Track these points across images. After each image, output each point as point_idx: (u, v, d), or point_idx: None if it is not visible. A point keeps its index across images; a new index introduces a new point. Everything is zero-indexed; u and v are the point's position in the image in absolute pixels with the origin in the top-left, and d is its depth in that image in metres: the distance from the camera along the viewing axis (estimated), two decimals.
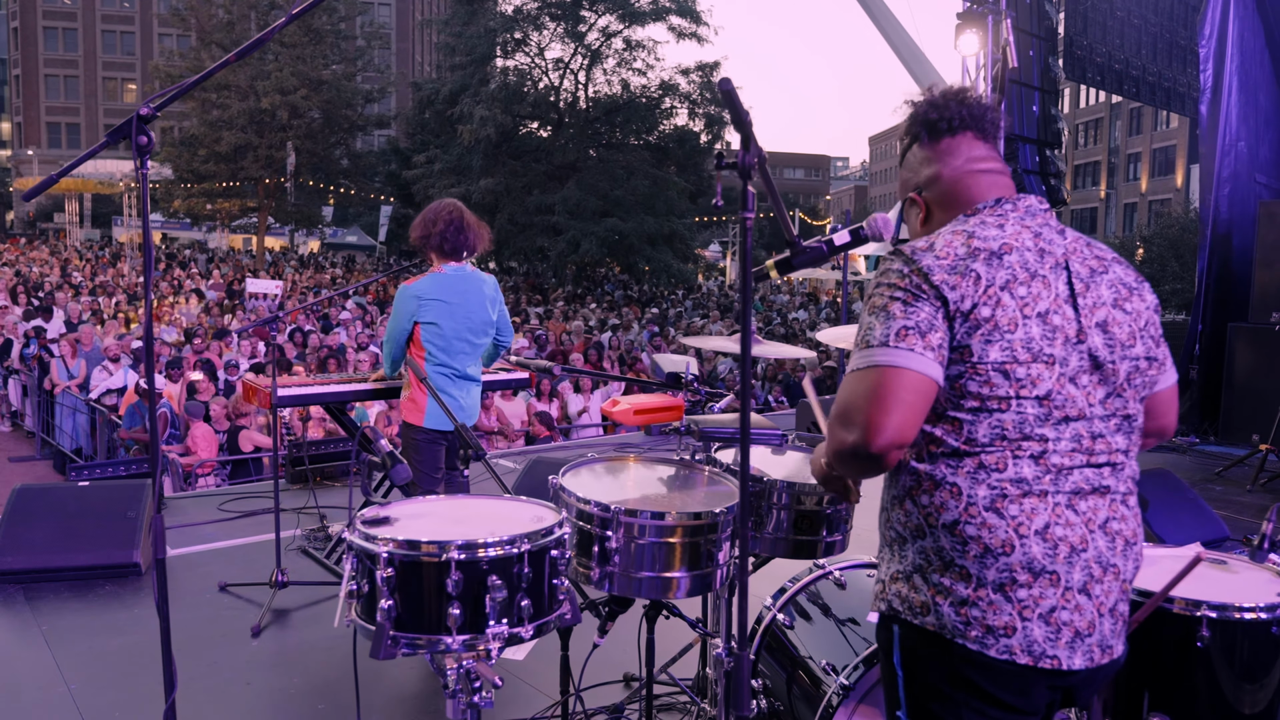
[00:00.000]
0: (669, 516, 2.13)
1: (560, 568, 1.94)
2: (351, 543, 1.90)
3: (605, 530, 2.12)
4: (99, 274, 24.58)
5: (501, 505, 2.19)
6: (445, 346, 4.09)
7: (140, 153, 2.16)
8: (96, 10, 64.46)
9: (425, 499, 2.17)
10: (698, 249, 36.86)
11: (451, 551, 1.81)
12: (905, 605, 1.77)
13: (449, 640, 1.81)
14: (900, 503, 1.78)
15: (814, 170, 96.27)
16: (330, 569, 4.97)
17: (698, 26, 28.19)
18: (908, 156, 1.97)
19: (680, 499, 2.32)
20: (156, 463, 2.28)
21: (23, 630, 4.22)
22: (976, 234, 1.75)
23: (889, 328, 1.67)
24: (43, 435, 12.86)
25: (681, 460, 2.65)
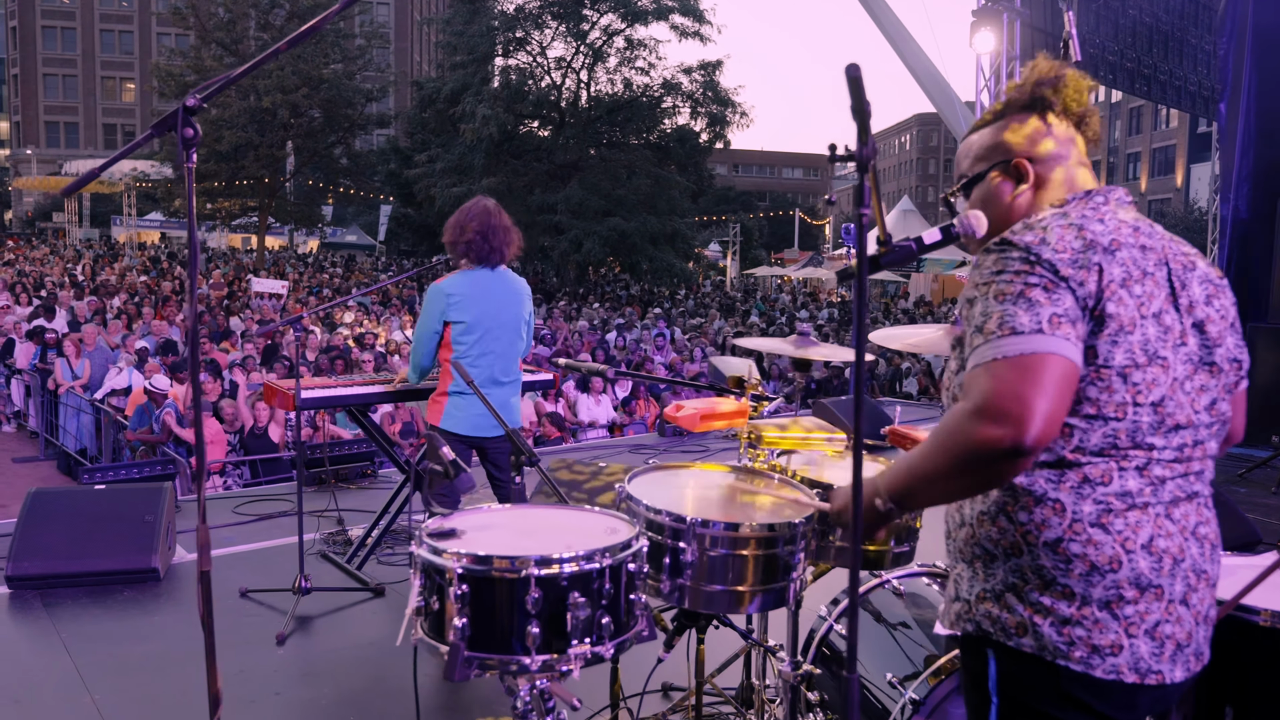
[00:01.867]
0: (744, 528, 2.03)
1: (638, 582, 1.84)
2: (419, 557, 1.80)
3: (677, 541, 2.02)
4: (99, 273, 24.43)
5: (569, 516, 2.09)
6: (477, 347, 3.99)
7: (186, 145, 2.07)
8: (95, 9, 64.29)
9: (488, 509, 2.07)
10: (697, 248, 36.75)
11: (530, 567, 1.71)
12: (997, 626, 1.67)
13: (527, 660, 1.72)
14: (992, 519, 1.68)
15: (813, 170, 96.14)
16: (352, 574, 4.88)
17: (700, 25, 28.09)
18: (1015, 123, 1.81)
19: (753, 509, 2.22)
20: (202, 471, 2.18)
21: (42, 638, 4.12)
22: (1086, 226, 1.64)
23: (1038, 314, 1.52)
24: (46, 436, 12.73)
25: (745, 467, 2.55)
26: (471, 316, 3.97)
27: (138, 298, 18.86)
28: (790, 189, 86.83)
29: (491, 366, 4.03)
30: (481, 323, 3.98)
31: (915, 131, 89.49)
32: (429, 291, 4.03)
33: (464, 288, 3.98)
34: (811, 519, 2.12)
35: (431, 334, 4.02)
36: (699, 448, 8.34)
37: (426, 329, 4.02)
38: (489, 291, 4.03)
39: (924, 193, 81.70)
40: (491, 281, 4.05)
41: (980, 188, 1.84)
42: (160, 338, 13.83)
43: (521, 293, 4.17)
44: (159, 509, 4.90)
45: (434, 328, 4.00)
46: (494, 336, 4.03)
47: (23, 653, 4.00)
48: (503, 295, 4.07)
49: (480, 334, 3.99)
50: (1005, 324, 1.52)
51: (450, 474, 2.16)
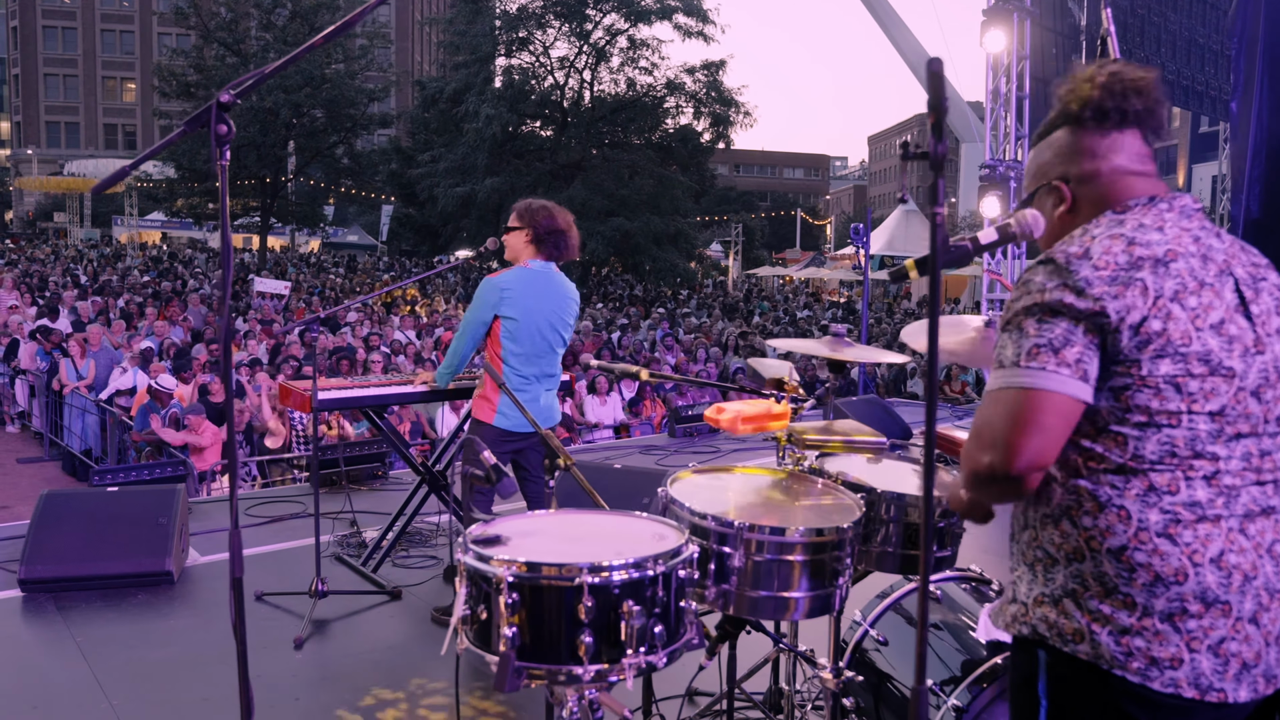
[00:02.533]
0: (790, 532, 1.98)
1: (688, 590, 1.80)
2: (465, 564, 1.76)
3: (723, 546, 1.98)
4: (102, 273, 24.39)
5: (613, 521, 2.04)
6: (524, 344, 3.97)
7: (219, 142, 2.02)
8: (96, 10, 64.23)
9: (532, 515, 2.02)
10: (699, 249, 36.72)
11: (583, 575, 1.67)
12: (1053, 631, 1.65)
13: (579, 670, 1.67)
14: (1055, 522, 1.66)
15: (813, 170, 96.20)
16: (368, 577, 4.83)
17: (704, 25, 28.03)
18: (1056, 137, 1.79)
19: (800, 513, 2.18)
20: (235, 474, 2.13)
21: (57, 642, 4.07)
22: (1138, 239, 1.62)
23: (1020, 346, 1.58)
24: (51, 437, 12.69)
25: (787, 470, 2.50)
26: (523, 312, 3.95)
27: (141, 298, 18.82)
28: (791, 189, 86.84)
29: (540, 364, 4.03)
30: (532, 320, 3.97)
31: (915, 131, 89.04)
32: (483, 284, 4.01)
33: (519, 283, 3.98)
34: (859, 523, 2.08)
35: (480, 325, 4.00)
36: (710, 448, 8.30)
37: (475, 320, 4.00)
38: (542, 289, 4.03)
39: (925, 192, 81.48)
40: (545, 279, 4.06)
41: (1035, 205, 1.83)
42: (163, 338, 13.78)
43: (571, 295, 4.17)
44: (172, 511, 4.86)
45: (484, 319, 3.98)
46: (542, 335, 4.02)
47: (38, 658, 3.96)
48: (554, 294, 4.09)
49: (530, 332, 3.97)
50: (999, 354, 1.61)
51: (491, 479, 2.12)
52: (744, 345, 16.82)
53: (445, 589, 4.75)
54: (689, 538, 1.88)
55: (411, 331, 16.55)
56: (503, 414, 4.02)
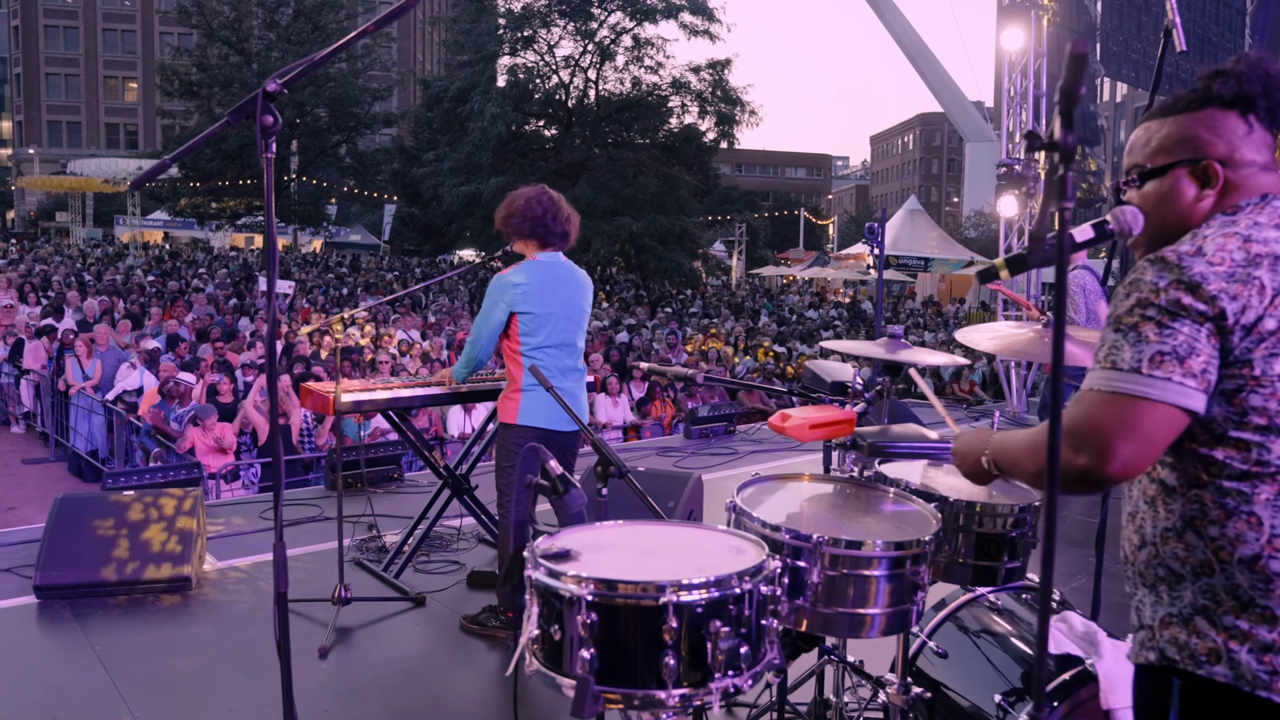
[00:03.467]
0: (869, 546, 1.88)
1: (769, 608, 1.69)
2: (536, 581, 1.65)
3: (797, 560, 1.88)
4: (105, 273, 24.29)
5: (685, 534, 1.94)
6: (545, 338, 3.86)
7: (265, 134, 1.92)
8: (98, 9, 64.15)
9: (597, 527, 1.92)
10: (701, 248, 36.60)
11: (668, 594, 1.56)
12: (1184, 653, 1.54)
13: (662, 694, 1.57)
14: (1178, 536, 1.56)
15: (816, 169, 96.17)
16: (390, 583, 4.73)
17: (710, 24, 27.93)
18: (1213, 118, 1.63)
19: (875, 524, 2.07)
20: (280, 483, 2.03)
21: (76, 651, 3.97)
22: (1253, 236, 1.53)
23: (1140, 352, 1.49)
24: (57, 437, 12.59)
25: (854, 478, 2.40)
26: (539, 307, 3.84)
27: (145, 297, 18.72)
28: (793, 189, 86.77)
29: (561, 357, 3.92)
30: (549, 314, 3.86)
31: (918, 131, 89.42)
32: (494, 282, 3.89)
33: (531, 278, 3.86)
34: (938, 535, 1.97)
35: (496, 325, 3.88)
36: (727, 450, 8.20)
37: (491, 320, 3.87)
38: (556, 281, 3.92)
39: (927, 193, 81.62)
40: (557, 271, 3.95)
41: (1158, 183, 1.68)
42: (170, 335, 13.69)
43: (585, 284, 4.06)
44: (192, 515, 4.75)
45: (499, 319, 3.86)
46: (562, 328, 3.91)
47: (57, 668, 3.85)
48: (568, 285, 3.98)
49: (550, 326, 3.86)
50: (1112, 357, 1.52)
51: (559, 490, 2.01)
52: (753, 345, 16.71)
53: (470, 595, 4.65)
54: (770, 553, 1.77)
55: (415, 331, 16.44)
56: (528, 411, 3.90)
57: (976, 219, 46.39)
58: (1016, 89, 10.33)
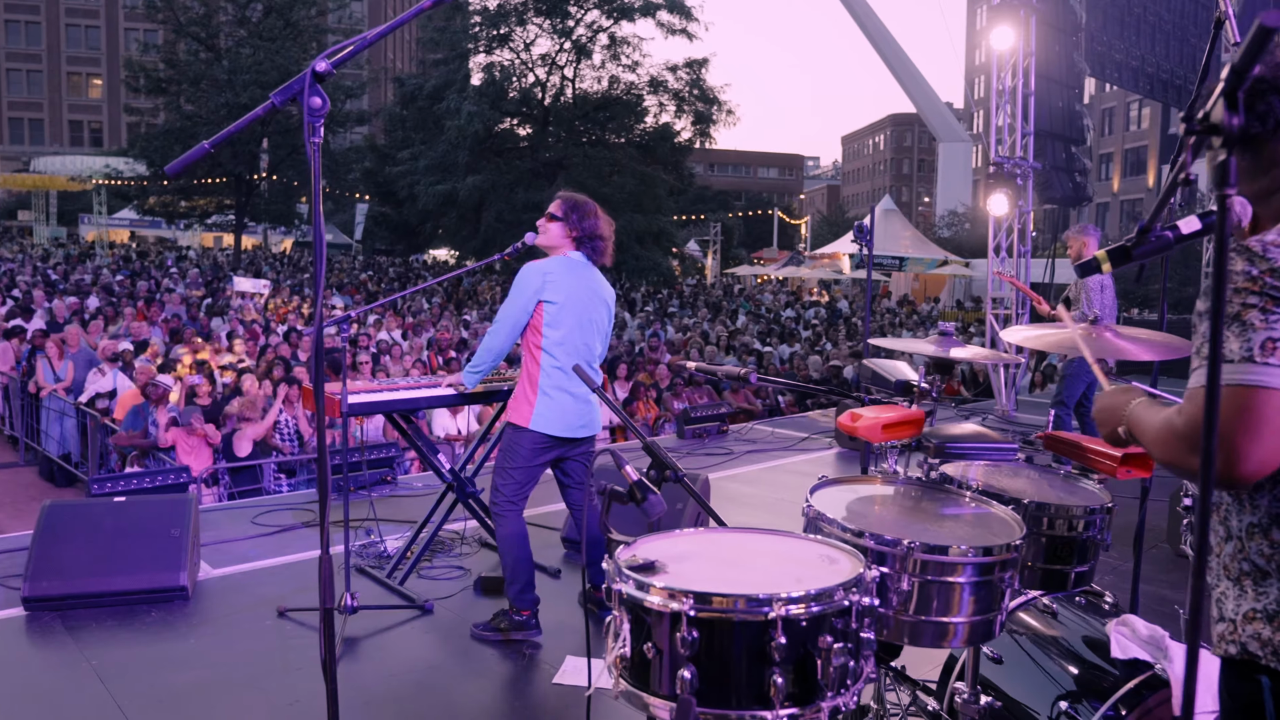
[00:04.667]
0: (957, 551, 1.78)
1: (867, 620, 1.59)
2: (625, 595, 1.53)
3: (882, 566, 1.77)
4: (72, 273, 23.80)
5: (768, 541, 1.83)
6: (568, 331, 3.74)
7: (312, 116, 1.79)
8: (60, 4, 62.97)
9: (674, 535, 1.80)
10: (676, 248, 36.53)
11: (774, 607, 1.45)
12: (1268, 649, 1.49)
13: (769, 715, 1.46)
14: (1264, 532, 1.51)
15: (787, 169, 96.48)
16: (395, 590, 4.58)
17: (687, 22, 27.83)
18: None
19: (959, 529, 1.97)
20: (326, 493, 1.90)
21: (71, 665, 3.79)
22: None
23: (1249, 340, 1.42)
24: (27, 440, 12.26)
25: (925, 481, 2.30)
26: (565, 298, 3.73)
27: (114, 298, 18.34)
28: (765, 189, 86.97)
29: (584, 355, 3.81)
30: (574, 307, 3.75)
31: (889, 132, 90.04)
32: (523, 270, 3.77)
33: (561, 268, 3.78)
34: (1024, 540, 1.88)
35: (522, 313, 3.75)
36: (722, 450, 8.10)
37: (517, 308, 3.74)
38: (581, 279, 3.84)
39: (898, 193, 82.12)
40: (584, 270, 3.85)
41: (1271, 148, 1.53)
42: (139, 338, 13.37)
43: (609, 290, 3.96)
44: (185, 522, 4.58)
45: (527, 307, 3.74)
46: (584, 325, 3.80)
47: (52, 683, 3.67)
48: (593, 287, 3.90)
49: (574, 319, 3.75)
50: (1225, 348, 1.45)
51: (637, 497, 1.89)
52: (737, 346, 16.66)
53: (478, 602, 4.52)
54: (868, 562, 1.67)
55: (397, 332, 16.23)
56: (543, 416, 3.78)
57: (950, 218, 46.74)
58: (1005, 87, 10.32)
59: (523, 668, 3.86)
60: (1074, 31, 11.31)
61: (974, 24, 66.15)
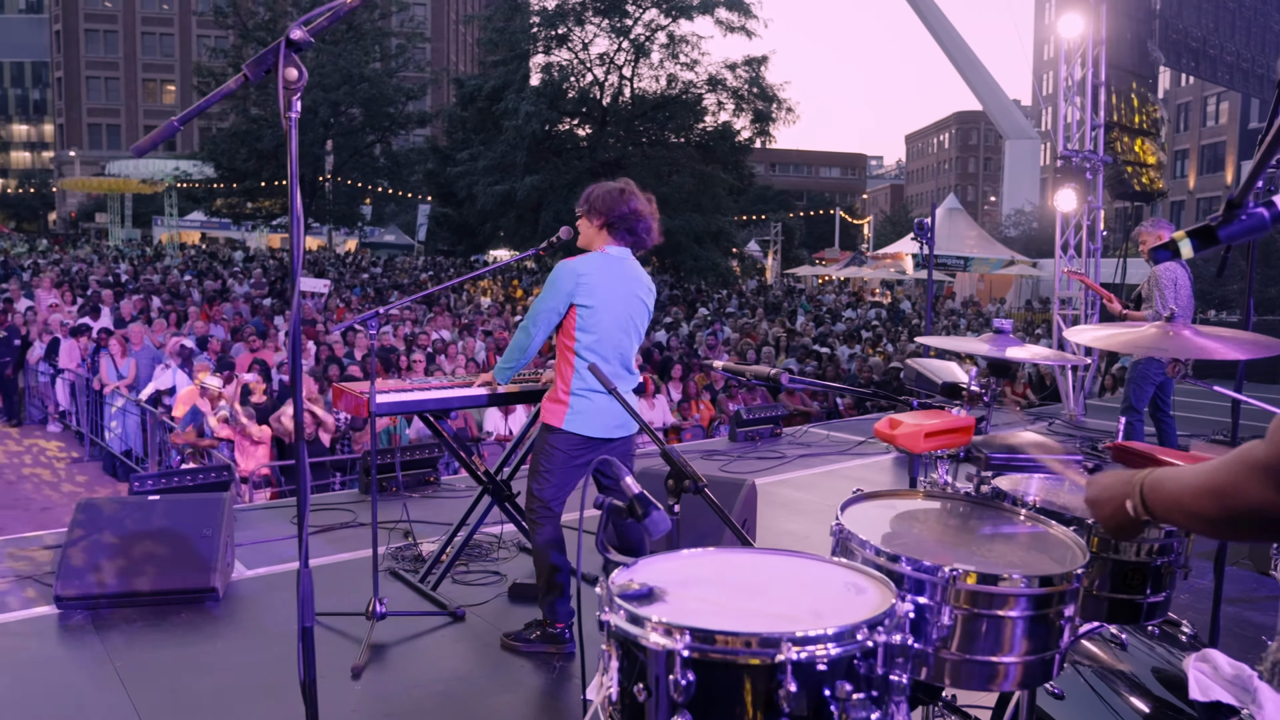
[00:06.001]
0: (1009, 581, 1.56)
1: (898, 659, 1.38)
2: (615, 628, 1.35)
3: (920, 596, 1.56)
4: (142, 273, 24.37)
5: (787, 565, 1.62)
6: (601, 335, 3.56)
7: (288, 90, 1.63)
8: (136, 12, 64.92)
9: (681, 556, 1.61)
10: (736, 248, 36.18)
11: (784, 649, 1.25)
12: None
13: None
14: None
15: (850, 169, 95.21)
16: (427, 595, 4.45)
17: (746, 19, 27.53)
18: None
19: (1011, 554, 1.74)
20: (305, 497, 1.74)
21: (95, 667, 3.72)
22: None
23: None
24: (92, 436, 12.51)
25: (974, 497, 2.06)
26: (600, 301, 3.54)
27: (181, 297, 18.70)
28: (827, 188, 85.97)
29: (616, 359, 3.62)
30: (610, 309, 3.56)
31: (954, 130, 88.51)
32: (557, 269, 3.59)
33: (597, 269, 3.57)
34: (1089, 568, 1.65)
35: (552, 314, 3.58)
36: (774, 454, 7.86)
37: (548, 308, 3.57)
38: (620, 278, 3.63)
39: (963, 192, 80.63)
40: (623, 268, 3.65)
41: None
42: (201, 337, 13.58)
43: (648, 283, 3.76)
44: (217, 522, 4.51)
45: (557, 308, 3.57)
46: (620, 327, 3.61)
47: (75, 684, 3.60)
48: (632, 284, 3.68)
49: (607, 324, 3.57)
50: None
51: (638, 512, 1.70)
52: (794, 346, 16.35)
53: (510, 609, 4.37)
54: (901, 593, 1.46)
55: (446, 332, 16.24)
56: (578, 416, 3.61)
57: (1016, 217, 45.62)
58: (1074, 78, 9.89)
59: (554, 681, 3.69)
60: (1148, 19, 10.81)
61: (1042, 18, 64.57)
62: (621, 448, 3.74)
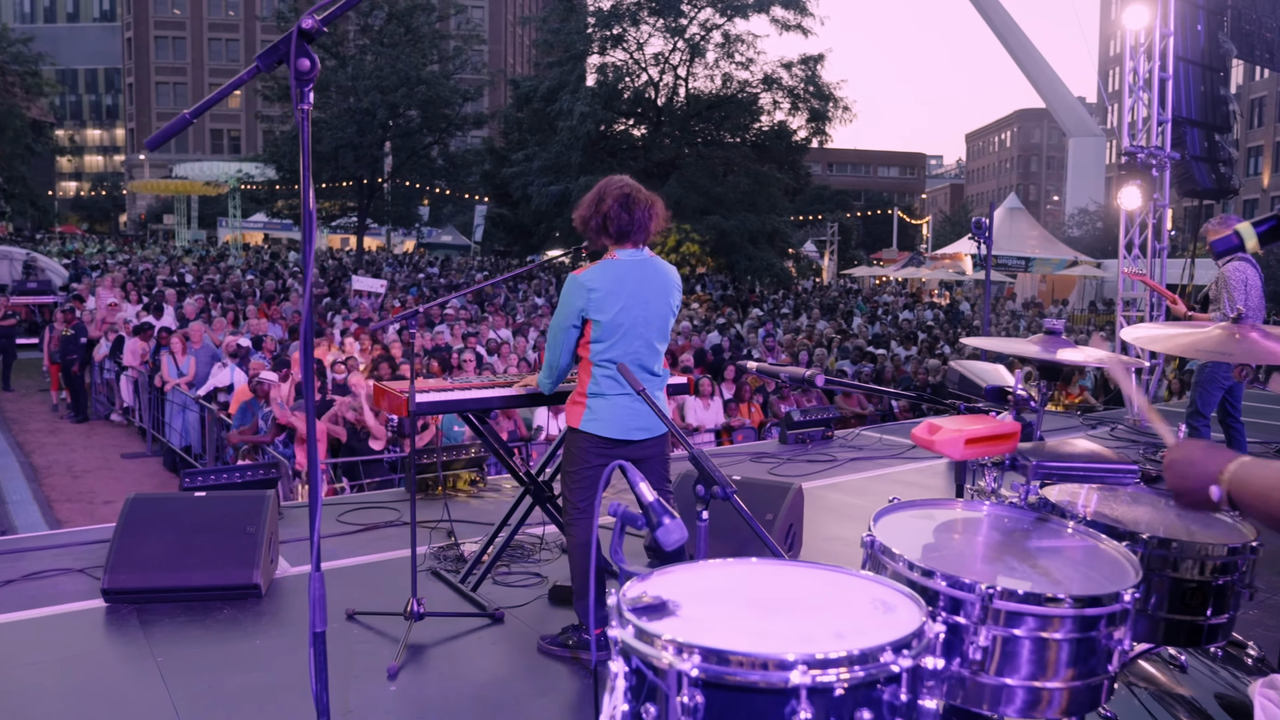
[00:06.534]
0: (1053, 600, 1.45)
1: (928, 684, 1.29)
2: (624, 643, 1.27)
3: (955, 615, 1.46)
4: (205, 273, 24.94)
5: (812, 578, 1.54)
6: (617, 343, 3.48)
7: (300, 80, 1.59)
8: (204, 19, 66.59)
9: (699, 567, 1.53)
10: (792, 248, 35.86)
11: (799, 673, 1.17)
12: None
13: None
14: None
15: (909, 169, 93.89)
16: (468, 596, 4.42)
17: (802, 17, 27.27)
18: None
19: (1056, 570, 1.63)
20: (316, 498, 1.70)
21: (137, 661, 3.76)
22: None
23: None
24: (153, 432, 12.81)
25: (1020, 508, 1.95)
26: (611, 314, 3.45)
27: (243, 296, 19.09)
28: (885, 188, 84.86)
29: (636, 362, 3.54)
30: (624, 319, 3.48)
31: (1016, 128, 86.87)
32: (567, 284, 3.53)
33: (606, 281, 3.47)
34: (1140, 586, 1.53)
35: (569, 329, 3.53)
36: (826, 457, 7.72)
37: (563, 324, 3.52)
38: (635, 282, 3.51)
39: (1025, 191, 79.07)
40: (637, 270, 3.53)
41: None
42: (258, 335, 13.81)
43: (671, 282, 3.64)
44: (260, 519, 4.53)
45: (572, 323, 3.51)
46: (637, 334, 3.52)
47: (116, 678, 3.64)
48: (650, 285, 3.55)
49: (623, 332, 3.49)
50: None
51: (651, 520, 1.63)
52: (850, 348, 16.12)
53: (550, 612, 4.32)
54: (933, 611, 1.36)
55: (505, 331, 16.31)
56: (595, 417, 3.54)
57: (1080, 217, 44.53)
58: (1140, 71, 9.58)
59: (590, 687, 3.62)
60: (1219, 9, 10.42)
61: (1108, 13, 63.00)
62: (651, 449, 3.65)
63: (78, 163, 74.45)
